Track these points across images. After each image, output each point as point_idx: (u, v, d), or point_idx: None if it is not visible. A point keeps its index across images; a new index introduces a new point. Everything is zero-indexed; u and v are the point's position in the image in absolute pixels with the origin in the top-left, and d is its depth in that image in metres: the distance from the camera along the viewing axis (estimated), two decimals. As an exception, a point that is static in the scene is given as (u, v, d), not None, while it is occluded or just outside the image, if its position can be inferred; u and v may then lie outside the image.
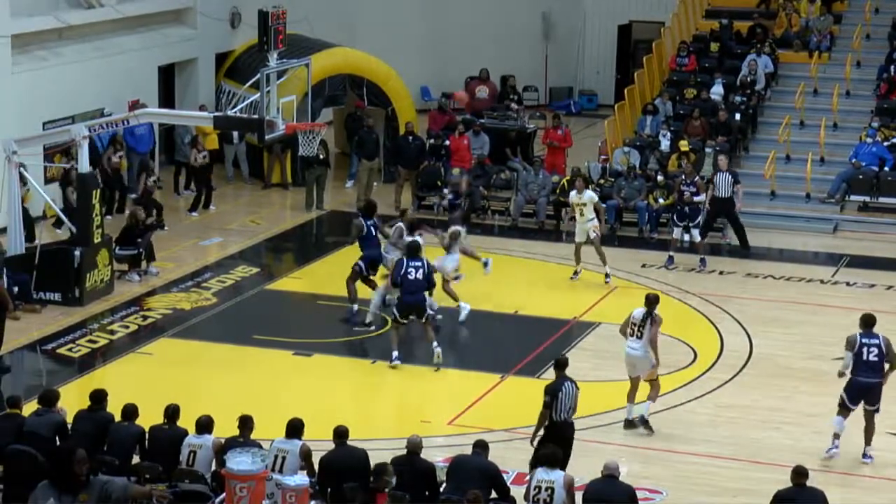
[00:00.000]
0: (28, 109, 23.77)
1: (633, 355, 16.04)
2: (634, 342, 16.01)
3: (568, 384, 14.37)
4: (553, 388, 14.35)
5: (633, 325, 16.04)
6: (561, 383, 14.38)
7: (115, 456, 13.23)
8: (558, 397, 14.23)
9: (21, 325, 19.11)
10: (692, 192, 22.83)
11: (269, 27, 20.39)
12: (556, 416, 14.24)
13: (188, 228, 24.68)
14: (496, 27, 34.58)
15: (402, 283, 18.40)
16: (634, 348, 16.01)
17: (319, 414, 15.24)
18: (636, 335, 15.98)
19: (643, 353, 15.97)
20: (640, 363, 16.02)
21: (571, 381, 14.47)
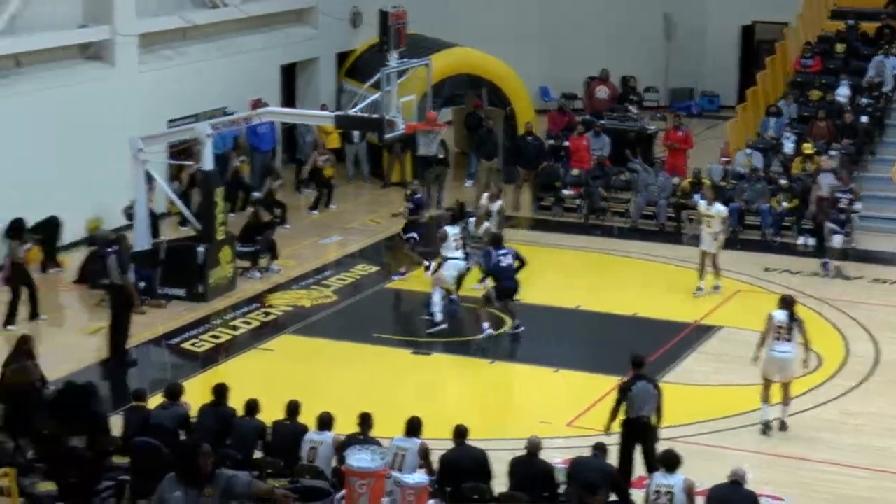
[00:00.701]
0: (154, 108, 24.16)
1: (785, 358, 15.80)
2: (784, 345, 15.77)
3: (641, 384, 14.28)
4: (625, 385, 14.37)
5: (778, 329, 15.77)
6: (633, 381, 14.32)
7: (237, 450, 13.38)
8: (627, 396, 14.18)
9: (147, 319, 19.42)
10: (849, 199, 22.51)
11: (389, 27, 20.48)
12: (632, 413, 14.21)
13: (309, 227, 24.88)
14: (617, 27, 34.33)
15: (497, 271, 18.88)
16: (786, 351, 15.78)
17: (438, 413, 15.25)
18: (783, 338, 15.74)
19: (794, 356, 15.77)
20: (790, 366, 15.84)
21: (649, 380, 14.39)
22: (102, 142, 22.92)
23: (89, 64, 23.62)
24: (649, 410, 14.21)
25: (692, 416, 16.37)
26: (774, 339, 15.82)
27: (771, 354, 15.86)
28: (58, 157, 22.34)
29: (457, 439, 13.23)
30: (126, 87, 23.78)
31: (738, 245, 23.55)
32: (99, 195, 23.04)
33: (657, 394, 14.28)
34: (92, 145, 22.89)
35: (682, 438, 15.41)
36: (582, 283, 21.78)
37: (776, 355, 15.81)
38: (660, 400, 14.30)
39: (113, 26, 23.53)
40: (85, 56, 23.68)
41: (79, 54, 23.64)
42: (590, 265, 22.64)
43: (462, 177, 28.21)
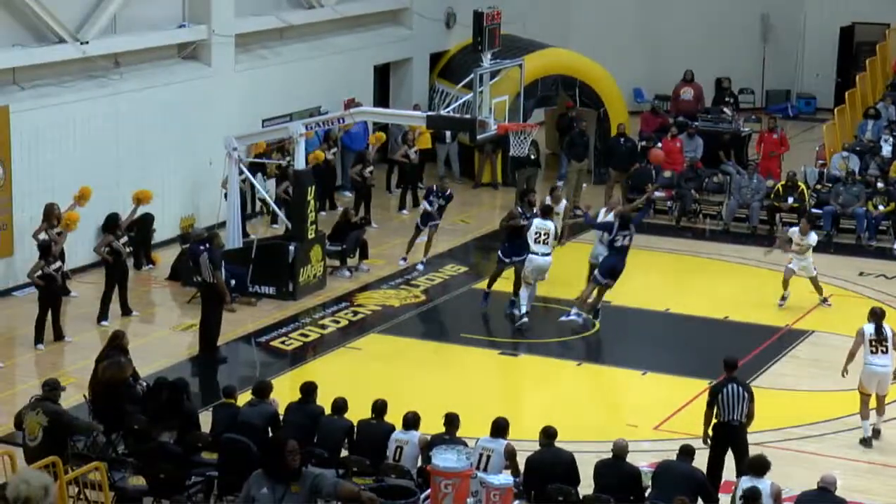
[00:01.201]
0: (249, 107, 24.41)
1: (884, 372, 15.55)
2: (882, 358, 15.49)
3: (733, 386, 14.12)
4: (715, 388, 14.22)
5: (872, 342, 15.53)
6: (724, 384, 14.17)
7: (324, 448, 13.47)
8: (718, 398, 14.02)
9: (237, 317, 19.61)
10: None
11: (483, 27, 20.50)
12: (723, 417, 14.05)
13: (399, 226, 24.98)
14: (712, 28, 34.03)
15: (612, 247, 18.91)
16: (884, 364, 15.51)
17: (524, 414, 15.26)
18: (880, 351, 15.49)
19: (891, 369, 15.53)
20: (887, 378, 15.58)
21: (740, 382, 14.23)
22: (198, 140, 23.22)
23: (186, 64, 23.91)
24: (740, 414, 14.06)
25: (782, 422, 16.21)
26: (871, 352, 15.56)
27: (869, 368, 15.57)
28: (153, 156, 22.65)
29: (545, 440, 13.20)
30: (222, 86, 24.04)
31: (832, 249, 23.25)
32: (193, 193, 23.34)
33: (748, 397, 14.12)
34: (187, 144, 23.19)
35: (771, 443, 15.27)
36: (672, 285, 21.62)
37: (875, 369, 15.53)
38: (751, 403, 14.13)
39: (210, 26, 23.81)
40: (182, 56, 23.98)
41: (176, 54, 23.95)
42: (680, 268, 22.43)
43: (553, 178, 28.13)
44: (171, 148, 22.99)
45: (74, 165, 21.07)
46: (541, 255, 19.75)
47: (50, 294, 18.39)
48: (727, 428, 14.05)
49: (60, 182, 20.62)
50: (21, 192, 20.29)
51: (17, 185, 20.22)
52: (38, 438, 13.30)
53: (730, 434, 14.02)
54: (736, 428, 14.04)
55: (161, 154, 22.81)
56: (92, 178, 21.18)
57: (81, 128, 21.34)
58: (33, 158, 20.51)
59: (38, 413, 13.38)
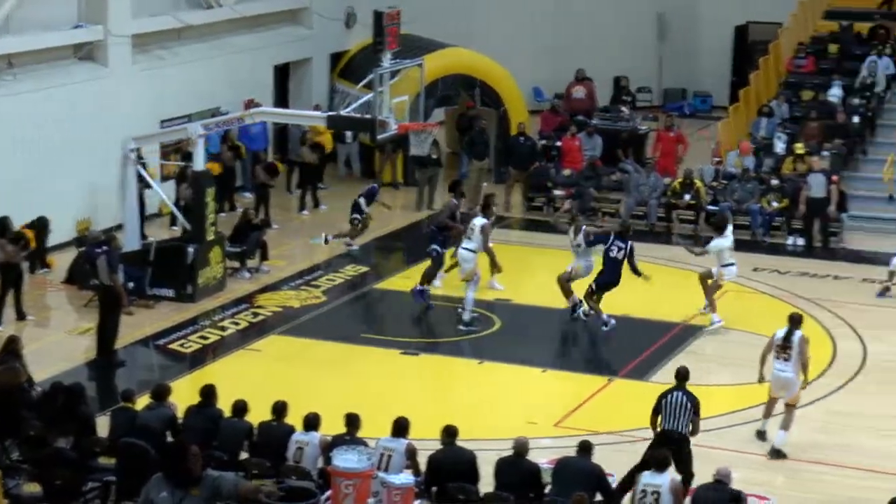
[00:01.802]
0: (147, 108, 24.17)
1: (784, 378, 15.60)
2: (783, 364, 15.56)
3: (678, 394, 14.11)
4: (662, 395, 14.22)
5: (777, 348, 15.63)
6: (668, 392, 14.19)
7: (224, 451, 13.39)
8: (662, 404, 14.07)
9: (135, 320, 19.42)
10: None
11: (383, 27, 20.49)
12: (665, 425, 14.04)
13: (299, 227, 24.91)
14: (610, 27, 34.37)
15: (604, 260, 19.20)
16: (784, 370, 15.58)
17: (425, 413, 15.28)
18: (783, 357, 15.56)
19: (793, 376, 15.56)
20: (790, 385, 15.59)
21: (686, 392, 14.18)
22: (94, 142, 22.94)
23: (83, 64, 23.63)
24: (683, 425, 14.02)
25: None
26: (775, 357, 15.69)
27: (773, 373, 15.74)
28: (49, 157, 22.36)
29: (446, 439, 13.23)
30: (119, 87, 23.79)
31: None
32: (90, 196, 23.05)
33: (692, 408, 14.07)
34: (84, 145, 22.90)
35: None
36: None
37: (775, 374, 15.67)
38: (695, 417, 14.07)
39: (106, 27, 23.54)
40: (78, 56, 23.69)
41: (72, 54, 23.65)
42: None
43: (453, 177, 28.19)
44: (68, 149, 22.68)
45: (-33, 168, 20.74)
46: (463, 248, 19.87)
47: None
48: (668, 436, 14.00)
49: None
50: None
51: None
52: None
53: (670, 443, 13.88)
54: (677, 439, 13.96)
55: (57, 156, 22.51)
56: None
57: (-26, 130, 21.01)
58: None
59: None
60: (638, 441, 15.36)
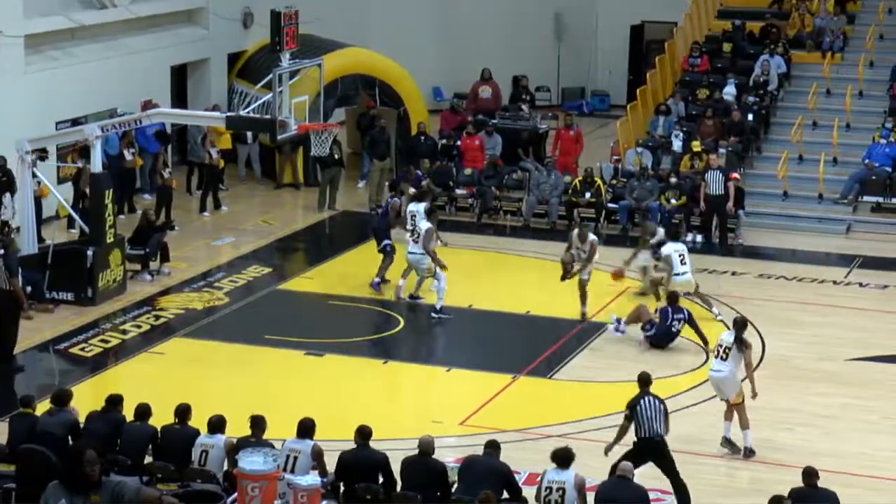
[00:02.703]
0: (41, 109, 23.80)
1: (716, 377, 15.70)
2: (718, 363, 15.66)
3: (649, 399, 14.15)
4: (632, 402, 14.19)
5: (718, 347, 15.77)
6: (640, 398, 14.19)
7: (127, 456, 13.25)
8: (637, 412, 14.08)
9: (34, 324, 19.15)
10: None
11: (281, 27, 20.41)
12: (643, 432, 14.03)
13: (200, 229, 24.72)
14: (508, 26, 34.57)
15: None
16: (717, 370, 15.67)
17: (331, 414, 15.25)
18: (720, 356, 15.66)
19: (727, 375, 15.60)
20: (725, 385, 15.64)
21: (655, 396, 14.24)
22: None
23: (-27, 65, 23.23)
24: (660, 427, 14.07)
25: (581, 413, 16.57)
26: (714, 356, 15.85)
27: (708, 373, 15.90)
28: (-58, 160, 21.95)
29: (359, 440, 13.19)
30: (11, 88, 23.39)
31: (627, 242, 23.82)
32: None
33: (665, 409, 14.15)
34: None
35: (571, 435, 15.59)
36: (474, 282, 21.87)
37: (709, 373, 15.83)
38: (666, 417, 14.15)
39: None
40: (-32, 57, 23.28)
41: (-38, 55, 23.24)
42: (482, 264, 22.72)
43: (355, 177, 28.22)
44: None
45: None
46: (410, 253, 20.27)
47: None
48: (650, 444, 13.99)
49: None
50: None
51: None
52: None
53: (653, 450, 13.97)
54: (658, 443, 14.00)
55: (-51, 158, 22.10)
56: None
57: None
58: None
59: None
60: (542, 438, 15.49)
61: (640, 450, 14.01)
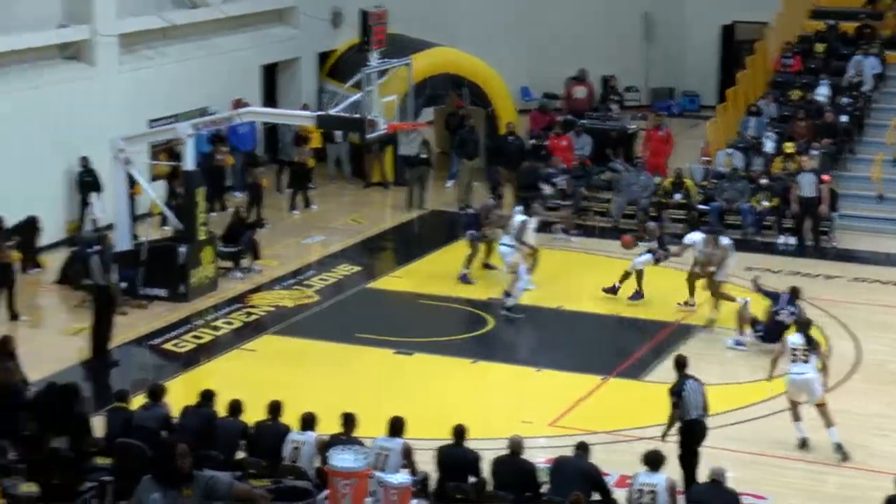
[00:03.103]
0: (134, 108, 24.10)
1: (803, 379, 15.61)
2: (800, 366, 15.60)
3: (691, 382, 14.32)
4: (676, 388, 14.32)
5: (793, 352, 15.70)
6: (684, 382, 14.32)
7: (219, 451, 13.36)
8: (682, 396, 14.15)
9: (128, 320, 19.38)
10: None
11: (370, 27, 20.48)
12: (687, 415, 14.18)
13: (290, 227, 24.89)
14: (598, 27, 34.38)
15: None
16: (802, 372, 15.60)
17: (420, 413, 15.27)
18: (800, 359, 15.60)
19: (815, 376, 15.60)
20: (814, 386, 15.61)
21: (695, 378, 14.39)
22: (82, 142, 22.87)
23: (69, 64, 23.56)
24: (703, 408, 14.23)
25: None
26: (791, 361, 15.73)
27: (790, 377, 15.76)
28: (37, 158, 22.28)
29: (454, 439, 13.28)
30: (106, 87, 23.73)
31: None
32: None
33: (703, 389, 14.32)
34: (72, 146, 22.83)
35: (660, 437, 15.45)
36: (563, 283, 21.80)
37: (794, 378, 15.69)
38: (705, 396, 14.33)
39: (93, 26, 23.48)
40: (64, 56, 23.62)
41: (58, 54, 23.57)
42: (571, 265, 22.62)
43: (444, 177, 28.24)
44: (56, 150, 22.61)
45: (-45, 169, 20.67)
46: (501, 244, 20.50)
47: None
48: (698, 425, 14.17)
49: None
50: None
51: None
52: (-74, 446, 13.01)
53: (697, 432, 14.13)
54: (704, 424, 14.22)
55: (45, 156, 22.44)
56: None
57: (-38, 130, 20.94)
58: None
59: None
60: (633, 441, 15.40)
61: (687, 432, 14.13)
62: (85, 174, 22.75)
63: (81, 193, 22.81)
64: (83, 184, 22.77)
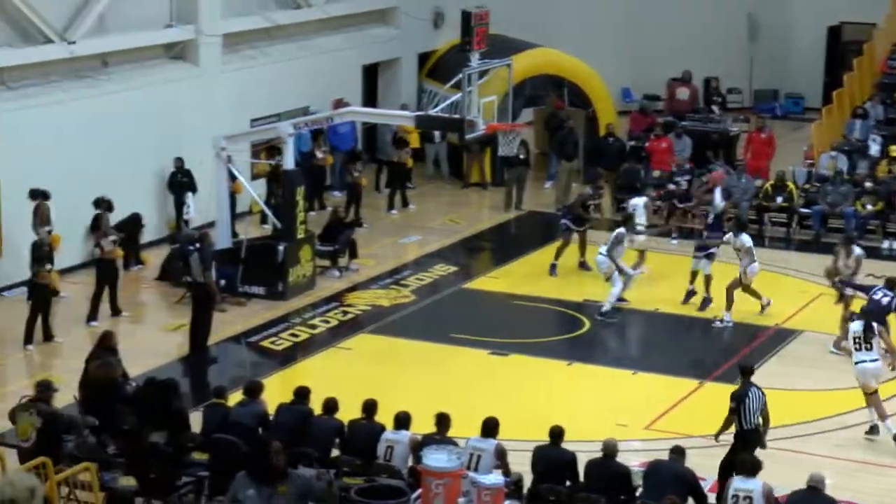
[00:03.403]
0: (237, 107, 24.37)
1: (872, 367, 15.64)
2: (864, 354, 15.61)
3: (754, 390, 14.20)
4: (739, 394, 14.21)
5: (857, 339, 15.67)
6: (747, 389, 14.21)
7: (314, 448, 13.45)
8: (745, 403, 14.05)
9: (227, 317, 19.58)
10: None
11: (471, 27, 20.49)
12: (746, 424, 14.07)
13: (388, 226, 24.99)
14: (700, 28, 34.05)
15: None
16: (870, 359, 15.61)
17: (514, 414, 15.25)
18: (864, 347, 15.59)
19: (880, 363, 15.66)
20: (879, 373, 15.69)
21: (757, 387, 14.29)
22: (186, 141, 23.19)
23: (174, 64, 23.88)
24: (758, 417, 14.15)
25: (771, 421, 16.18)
26: (855, 349, 15.73)
27: (855, 367, 15.76)
28: (141, 156, 22.64)
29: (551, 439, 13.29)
30: (209, 86, 24.01)
31: (819, 248, 23.29)
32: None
33: (765, 400, 14.22)
34: (175, 144, 23.15)
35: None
36: (662, 285, 21.63)
37: (863, 366, 15.70)
38: (766, 408, 14.22)
39: (198, 26, 23.78)
40: (170, 56, 23.94)
41: (164, 54, 23.91)
42: (670, 267, 22.41)
43: (542, 178, 28.18)
44: (159, 148, 22.95)
45: (62, 165, 21.04)
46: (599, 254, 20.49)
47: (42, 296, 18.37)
48: (755, 434, 14.10)
49: (48, 183, 20.58)
50: (8, 192, 20.23)
51: (5, 185, 20.16)
52: (31, 439, 13.27)
53: (756, 440, 14.07)
54: (759, 434, 14.16)
55: (149, 154, 22.78)
56: (79, 177, 21.22)
57: (69, 128, 21.29)
58: (20, 159, 20.44)
59: (32, 414, 13.35)
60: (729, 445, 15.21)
61: (743, 440, 14.02)
62: (180, 174, 22.93)
63: (175, 194, 22.99)
64: (179, 184, 22.94)
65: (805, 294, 21.00)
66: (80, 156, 21.41)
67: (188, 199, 22.22)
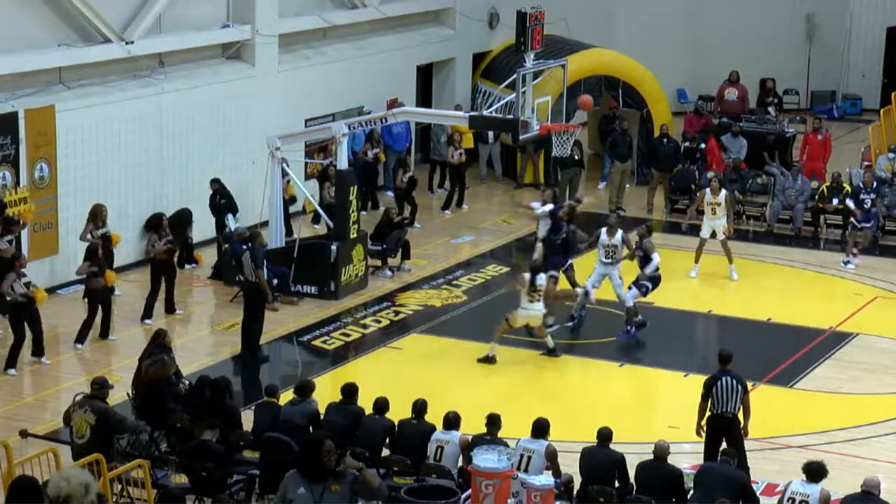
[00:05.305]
0: (291, 107, 24.47)
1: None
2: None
3: (727, 378, 14.23)
4: (709, 381, 14.31)
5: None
6: (719, 376, 14.26)
7: (364, 448, 13.48)
8: (714, 389, 14.14)
9: (279, 316, 19.66)
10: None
11: (526, 28, 20.46)
12: (717, 409, 14.18)
13: (441, 226, 25.00)
14: (756, 28, 33.83)
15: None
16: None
17: (565, 415, 15.21)
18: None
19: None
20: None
21: (734, 375, 14.29)
22: (241, 140, 23.32)
23: (230, 64, 24.00)
24: (733, 406, 14.18)
25: (826, 425, 16.12)
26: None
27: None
28: (197, 155, 22.78)
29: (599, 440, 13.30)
30: (265, 86, 24.11)
31: (876, 251, 23.07)
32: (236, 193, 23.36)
33: (742, 389, 14.23)
34: (230, 143, 23.28)
35: (814, 446, 15.19)
36: (715, 287, 21.51)
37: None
38: (745, 395, 14.26)
39: (254, 26, 23.90)
40: (226, 56, 24.08)
41: (220, 54, 24.05)
42: (723, 269, 22.28)
43: (596, 179, 28.09)
44: (215, 147, 23.09)
45: (119, 165, 21.23)
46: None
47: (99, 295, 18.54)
48: (721, 420, 14.18)
49: (105, 182, 20.77)
50: (66, 191, 20.44)
51: (62, 184, 20.37)
52: (85, 436, 13.39)
53: (724, 426, 14.16)
54: (729, 419, 14.19)
55: (204, 153, 22.93)
56: (136, 177, 21.39)
57: (126, 127, 21.47)
58: (78, 158, 20.65)
59: (87, 411, 13.46)
60: (782, 448, 15.14)
61: (713, 427, 14.15)
62: (219, 196, 22.12)
63: (216, 216, 22.21)
64: (217, 207, 22.15)
65: (859, 297, 20.78)
66: (137, 155, 21.58)
67: (229, 221, 22.01)
